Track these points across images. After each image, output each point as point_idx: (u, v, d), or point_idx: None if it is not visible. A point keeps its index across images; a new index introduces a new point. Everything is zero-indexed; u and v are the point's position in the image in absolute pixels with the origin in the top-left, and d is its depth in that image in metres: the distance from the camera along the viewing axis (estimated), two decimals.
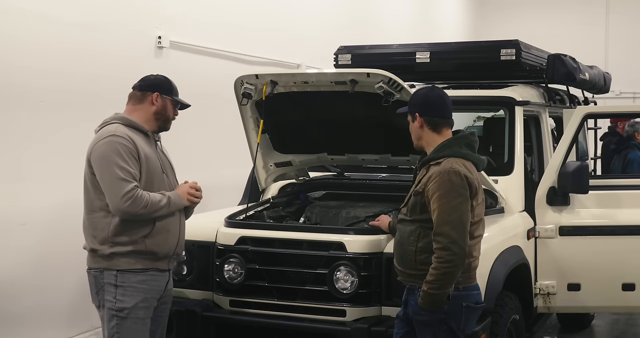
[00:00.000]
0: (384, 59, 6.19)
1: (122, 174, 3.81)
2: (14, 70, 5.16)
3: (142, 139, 4.01)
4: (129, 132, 3.95)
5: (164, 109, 4.09)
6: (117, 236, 3.89)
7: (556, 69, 5.96)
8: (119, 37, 6.07)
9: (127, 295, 3.91)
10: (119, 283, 3.90)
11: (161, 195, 3.95)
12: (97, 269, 3.96)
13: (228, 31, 7.52)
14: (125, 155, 3.85)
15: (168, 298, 4.17)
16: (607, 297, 5.50)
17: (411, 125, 3.84)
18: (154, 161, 4.02)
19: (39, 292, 5.38)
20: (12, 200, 5.16)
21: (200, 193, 4.15)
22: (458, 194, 3.57)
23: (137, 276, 3.92)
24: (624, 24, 15.10)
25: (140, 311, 3.94)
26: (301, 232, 4.56)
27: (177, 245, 4.09)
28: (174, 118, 4.18)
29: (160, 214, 3.93)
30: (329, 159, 5.47)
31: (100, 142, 3.89)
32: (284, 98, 4.86)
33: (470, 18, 16.02)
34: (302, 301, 4.42)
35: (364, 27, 10.56)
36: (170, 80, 4.17)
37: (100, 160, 3.86)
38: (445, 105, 3.82)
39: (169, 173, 4.16)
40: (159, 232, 3.95)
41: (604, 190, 5.57)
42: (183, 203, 4.06)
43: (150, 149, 4.03)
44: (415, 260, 3.69)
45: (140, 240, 3.90)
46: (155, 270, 3.99)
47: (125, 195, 3.79)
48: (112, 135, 3.89)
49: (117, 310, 3.91)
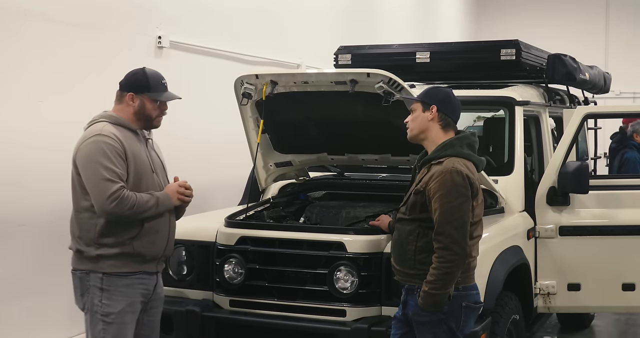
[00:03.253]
0: (384, 59, 6.19)
1: (108, 175, 3.69)
2: (14, 70, 5.17)
3: (131, 137, 3.87)
4: (116, 130, 3.81)
5: (142, 109, 3.91)
6: (104, 237, 3.76)
7: (556, 69, 5.96)
8: (119, 37, 6.08)
9: (113, 299, 3.78)
10: (104, 286, 3.78)
11: (149, 195, 3.83)
12: (82, 271, 3.82)
13: (228, 31, 7.52)
14: (111, 155, 3.72)
15: (158, 302, 4.06)
16: (607, 297, 5.50)
17: (418, 114, 3.78)
18: (143, 160, 3.89)
19: (39, 292, 5.38)
20: (12, 201, 5.16)
21: (190, 192, 4.01)
22: (460, 194, 3.57)
23: (123, 279, 3.79)
24: (624, 24, 15.11)
25: (127, 316, 3.82)
26: (301, 232, 4.56)
27: (166, 247, 3.97)
28: (164, 113, 4.00)
29: (149, 215, 3.81)
30: (329, 159, 5.47)
31: (86, 142, 3.77)
32: (284, 98, 4.86)
33: (470, 18, 16.03)
34: (302, 301, 4.42)
35: (364, 27, 10.56)
36: (149, 75, 3.95)
37: (85, 161, 3.74)
38: (459, 110, 3.85)
39: (159, 173, 4.03)
40: (147, 234, 3.83)
41: (604, 190, 5.57)
42: (172, 203, 3.94)
43: (139, 147, 3.90)
44: (415, 259, 3.68)
45: (127, 241, 3.78)
46: (143, 273, 3.86)
47: (110, 196, 3.67)
48: (97, 134, 3.76)
49: (104, 314, 3.78)
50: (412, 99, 3.89)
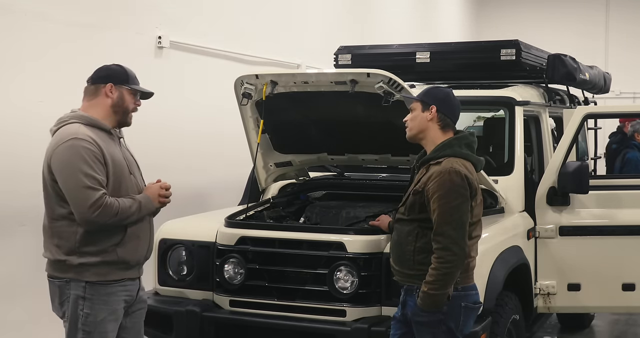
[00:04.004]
0: (384, 59, 6.19)
1: (88, 182, 3.49)
2: (14, 70, 5.16)
3: (106, 139, 3.68)
4: (91, 132, 3.62)
5: (121, 100, 3.74)
6: (85, 246, 3.58)
7: (556, 69, 5.96)
8: (119, 37, 6.07)
9: (95, 308, 3.61)
10: (87, 295, 3.60)
11: (131, 200, 3.66)
12: (62, 279, 3.65)
13: (228, 31, 7.52)
14: (90, 160, 3.52)
15: (141, 304, 3.91)
16: (607, 297, 5.50)
17: (417, 114, 3.78)
18: (120, 162, 3.70)
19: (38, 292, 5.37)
20: (12, 201, 5.16)
21: (170, 193, 3.85)
22: (459, 194, 3.56)
23: (107, 288, 3.63)
24: (624, 24, 15.11)
25: (109, 324, 3.66)
26: (301, 232, 4.56)
27: (148, 250, 3.84)
28: (136, 109, 3.83)
29: (131, 220, 3.65)
30: (329, 159, 5.47)
31: (62, 147, 3.56)
32: (284, 98, 4.86)
33: (470, 18, 16.02)
34: (302, 301, 4.42)
35: (364, 27, 10.56)
36: (126, 68, 3.81)
37: (62, 167, 3.54)
38: (459, 110, 3.84)
39: (136, 173, 3.85)
40: (130, 239, 3.67)
41: (604, 190, 5.57)
42: (154, 206, 3.78)
43: (114, 148, 3.71)
44: (414, 260, 3.68)
45: (110, 249, 3.62)
46: (126, 279, 3.71)
47: (93, 205, 3.49)
48: (74, 138, 3.56)
49: (84, 324, 3.61)
50: (412, 98, 3.89)
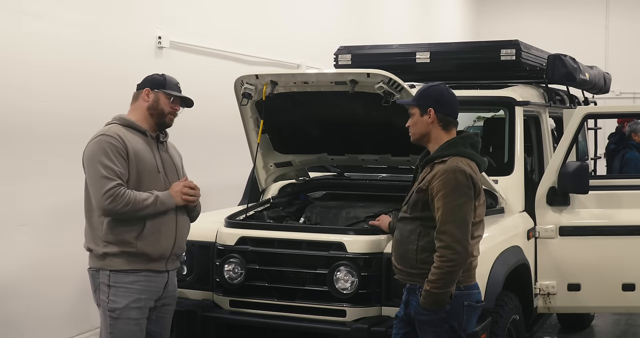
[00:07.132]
0: (384, 59, 6.19)
1: (105, 172, 3.80)
2: (14, 70, 5.16)
3: (139, 139, 3.99)
4: (123, 131, 3.95)
5: (156, 103, 4.06)
6: (109, 236, 3.87)
7: (556, 69, 5.96)
8: (119, 37, 6.07)
9: (119, 295, 3.89)
10: (111, 283, 3.89)
11: (148, 194, 3.89)
12: (94, 268, 3.96)
13: (228, 31, 7.52)
14: (112, 153, 3.84)
15: (170, 300, 4.12)
16: (607, 297, 5.50)
17: (417, 118, 3.77)
18: (148, 160, 3.97)
19: (39, 293, 5.38)
20: (12, 201, 5.16)
21: (195, 191, 4.06)
22: (463, 193, 3.57)
23: (128, 276, 3.89)
24: (624, 24, 15.10)
25: (133, 312, 3.91)
26: (301, 232, 4.56)
27: (175, 246, 4.02)
28: (174, 113, 4.13)
29: (146, 213, 3.87)
30: (329, 159, 5.47)
31: (91, 143, 3.92)
32: (284, 98, 4.86)
33: (470, 18, 16.02)
34: (302, 301, 4.42)
35: (364, 27, 10.56)
36: (166, 76, 4.15)
37: (87, 160, 3.89)
38: (457, 105, 3.82)
39: (170, 173, 4.09)
40: (150, 233, 3.90)
41: (604, 190, 5.57)
42: (174, 203, 3.98)
43: (144, 147, 3.99)
44: (416, 258, 3.68)
45: (131, 240, 3.87)
46: (149, 271, 3.94)
47: (106, 192, 3.77)
48: (102, 134, 3.91)
49: (110, 310, 3.90)
50: (408, 103, 3.86)
